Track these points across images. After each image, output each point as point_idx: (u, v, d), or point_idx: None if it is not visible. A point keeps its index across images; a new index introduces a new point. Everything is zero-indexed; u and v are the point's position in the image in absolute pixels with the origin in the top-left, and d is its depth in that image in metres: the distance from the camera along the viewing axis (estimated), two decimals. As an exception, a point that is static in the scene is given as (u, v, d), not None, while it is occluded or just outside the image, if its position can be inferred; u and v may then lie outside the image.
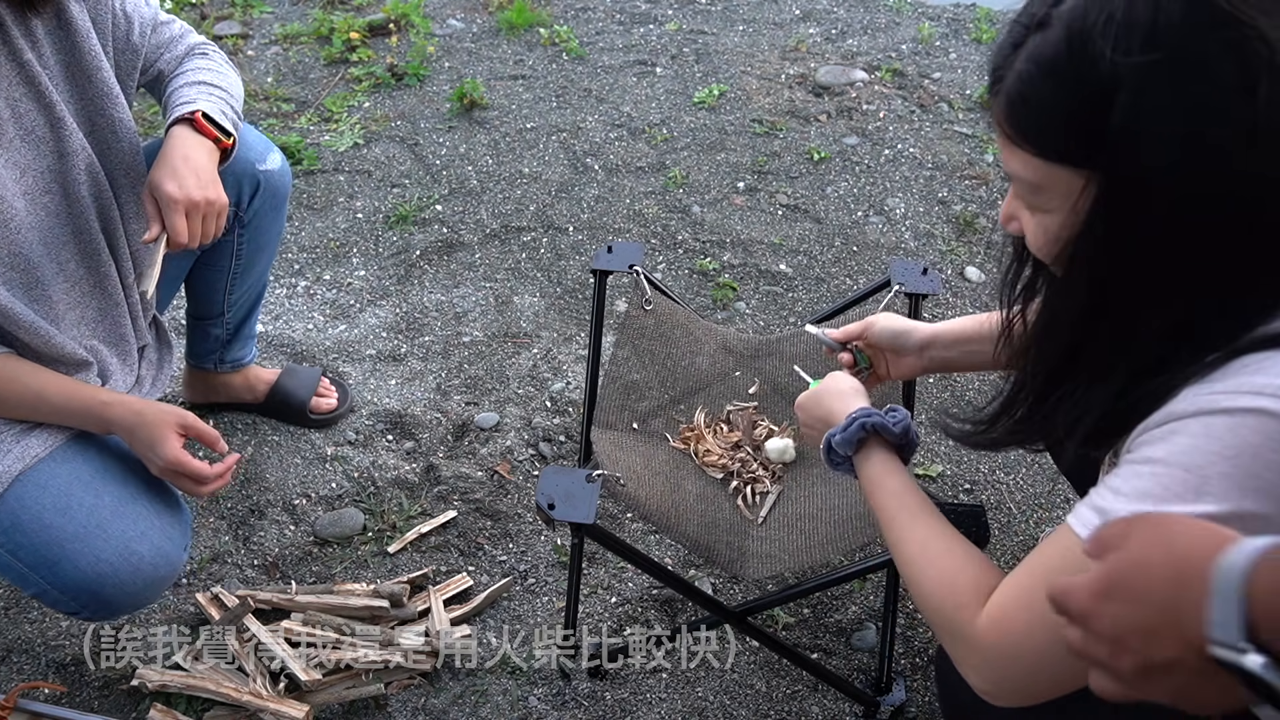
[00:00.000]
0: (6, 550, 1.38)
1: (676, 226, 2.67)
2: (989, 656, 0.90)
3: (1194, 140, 0.76)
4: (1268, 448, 0.73)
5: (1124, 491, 0.80)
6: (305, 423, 2.08)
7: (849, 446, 1.16)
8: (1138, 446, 0.82)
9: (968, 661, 0.93)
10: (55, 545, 1.37)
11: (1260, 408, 0.74)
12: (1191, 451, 0.76)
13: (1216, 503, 0.74)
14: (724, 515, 1.50)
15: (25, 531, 1.37)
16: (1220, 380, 0.78)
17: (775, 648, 1.57)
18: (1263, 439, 0.73)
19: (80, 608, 1.41)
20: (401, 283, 2.49)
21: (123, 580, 1.39)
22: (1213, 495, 0.74)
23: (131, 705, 1.61)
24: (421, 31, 3.45)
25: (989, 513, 1.92)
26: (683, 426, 1.63)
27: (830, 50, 3.44)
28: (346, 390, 2.15)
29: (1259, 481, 0.73)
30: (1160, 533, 0.67)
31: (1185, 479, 0.76)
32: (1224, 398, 0.76)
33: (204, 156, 1.45)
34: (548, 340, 2.33)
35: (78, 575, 1.37)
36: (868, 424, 1.15)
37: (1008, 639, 0.88)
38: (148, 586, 1.42)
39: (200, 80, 1.54)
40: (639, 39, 3.52)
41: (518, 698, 1.64)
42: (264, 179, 1.73)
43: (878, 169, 2.88)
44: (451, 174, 2.86)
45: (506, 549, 1.88)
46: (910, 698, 1.65)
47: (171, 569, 1.45)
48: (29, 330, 1.39)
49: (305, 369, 2.14)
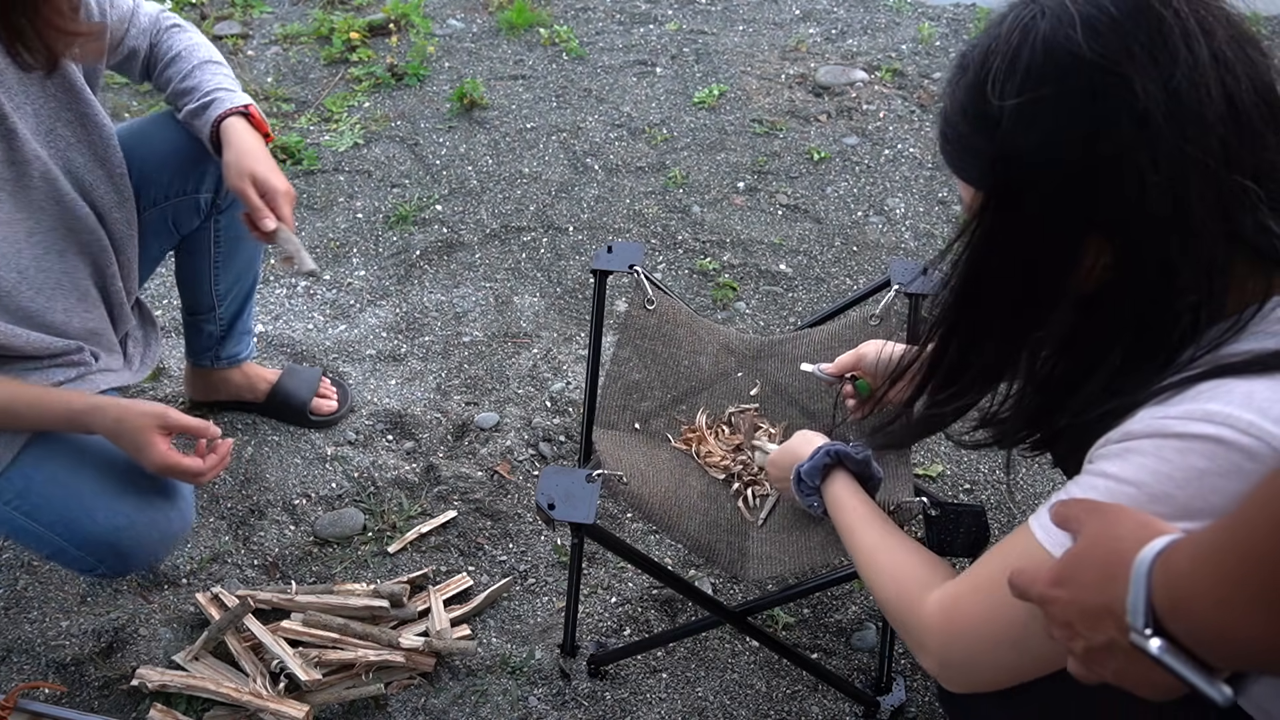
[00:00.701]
0: (22, 513, 1.40)
1: (676, 226, 2.67)
2: (937, 638, 0.97)
3: (1062, 156, 0.85)
4: (1214, 473, 0.77)
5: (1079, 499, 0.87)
6: (305, 423, 2.09)
7: (815, 475, 1.28)
8: (1097, 458, 0.87)
9: (918, 644, 1.00)
10: (73, 501, 1.39)
11: (1209, 434, 0.78)
12: (1142, 470, 0.81)
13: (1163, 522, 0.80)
14: (725, 515, 1.50)
15: (40, 493, 1.39)
16: (1176, 404, 0.82)
17: (775, 648, 1.58)
18: (1209, 464, 0.77)
19: (98, 563, 1.43)
20: (401, 283, 2.49)
21: (140, 533, 1.42)
22: (1158, 515, 0.79)
23: (131, 705, 1.61)
24: (421, 31, 3.45)
25: (989, 513, 1.92)
26: (684, 427, 1.63)
27: (830, 50, 3.44)
28: (347, 391, 2.15)
29: (1203, 504, 0.77)
30: (1107, 526, 0.74)
31: (1134, 496, 0.80)
32: (1177, 423, 0.80)
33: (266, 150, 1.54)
34: (548, 340, 2.33)
35: (95, 530, 1.39)
36: (831, 452, 1.28)
37: (955, 623, 0.95)
38: (164, 539, 1.46)
39: (213, 60, 1.58)
40: (639, 39, 3.52)
41: (518, 698, 1.64)
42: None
43: (878, 169, 2.88)
44: (451, 174, 2.86)
45: (506, 549, 1.88)
46: (910, 698, 1.65)
47: (185, 522, 1.49)
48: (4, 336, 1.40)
49: (306, 369, 2.14)
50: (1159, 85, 0.81)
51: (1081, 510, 0.79)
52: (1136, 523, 0.73)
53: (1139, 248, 0.85)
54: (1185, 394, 0.82)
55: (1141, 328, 0.89)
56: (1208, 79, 0.81)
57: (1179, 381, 0.84)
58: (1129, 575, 0.68)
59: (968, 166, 0.95)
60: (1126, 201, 0.83)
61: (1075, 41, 0.82)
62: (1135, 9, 0.82)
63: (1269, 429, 0.76)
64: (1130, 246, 0.86)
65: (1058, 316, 0.93)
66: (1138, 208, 0.83)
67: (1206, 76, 0.81)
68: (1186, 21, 0.82)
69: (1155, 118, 0.81)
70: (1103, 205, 0.85)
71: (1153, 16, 0.82)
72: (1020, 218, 0.89)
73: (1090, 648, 0.73)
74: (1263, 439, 0.76)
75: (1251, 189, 0.83)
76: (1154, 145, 0.81)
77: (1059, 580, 0.75)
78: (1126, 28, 0.82)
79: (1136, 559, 0.68)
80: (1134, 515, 0.75)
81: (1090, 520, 0.77)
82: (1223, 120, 0.82)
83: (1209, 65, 0.81)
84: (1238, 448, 0.76)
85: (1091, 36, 0.82)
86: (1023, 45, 0.85)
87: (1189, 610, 0.64)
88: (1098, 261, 0.88)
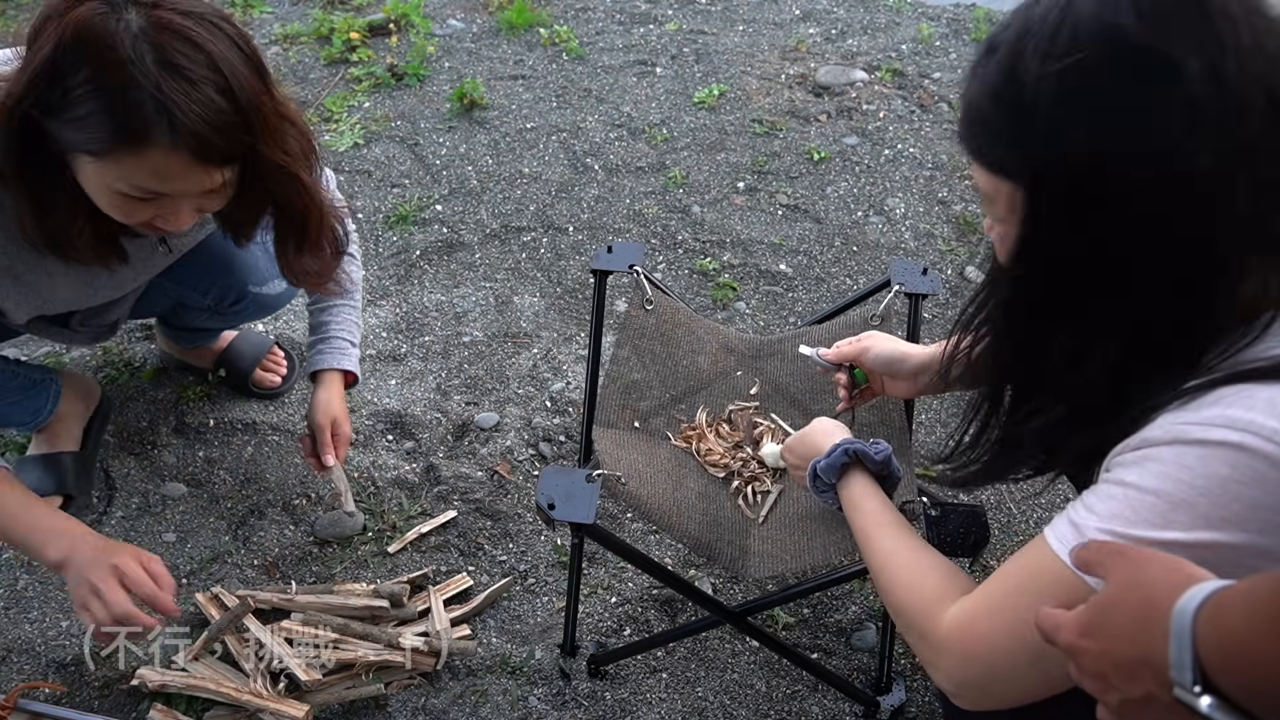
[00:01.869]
0: None
1: (676, 226, 2.67)
2: (953, 657, 0.93)
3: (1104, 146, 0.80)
4: (1235, 480, 0.75)
5: (1097, 510, 0.83)
6: (249, 394, 2.12)
7: (833, 473, 1.24)
8: (1115, 466, 0.84)
9: (932, 662, 0.96)
10: None
11: (1231, 441, 0.76)
12: (1162, 479, 0.78)
13: (1183, 531, 0.77)
14: (725, 514, 1.50)
15: None
16: (1196, 410, 0.79)
17: (775, 648, 1.58)
18: (1231, 471, 0.75)
19: None
20: (401, 283, 2.49)
21: None
22: (1179, 524, 0.77)
23: (131, 705, 1.61)
24: (421, 31, 3.45)
25: (989, 513, 1.92)
26: (684, 426, 1.63)
27: (830, 50, 3.44)
28: (295, 361, 2.19)
29: (1225, 512, 0.76)
30: (1135, 572, 0.71)
31: (1155, 505, 0.78)
32: (1197, 429, 0.78)
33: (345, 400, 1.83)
34: (548, 340, 2.33)
35: None
36: (850, 450, 1.23)
37: (972, 642, 0.91)
38: None
39: (353, 309, 1.84)
40: (639, 39, 3.52)
41: (518, 698, 1.64)
42: (253, 297, 1.83)
43: (878, 169, 2.88)
44: (451, 174, 2.86)
45: (506, 549, 1.88)
46: (910, 698, 1.65)
47: None
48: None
49: (256, 335, 2.18)
50: (1208, 69, 0.77)
51: (1105, 554, 0.75)
52: (1165, 567, 0.70)
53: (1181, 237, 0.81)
54: (1205, 399, 0.79)
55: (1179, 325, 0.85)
56: (1253, 68, 0.78)
57: (1199, 385, 0.81)
58: (1166, 626, 0.64)
59: (993, 152, 0.89)
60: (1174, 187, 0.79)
61: (1122, 21, 0.78)
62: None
63: None
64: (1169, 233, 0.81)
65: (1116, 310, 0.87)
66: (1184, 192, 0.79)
67: (1251, 66, 0.78)
68: (1230, 5, 0.78)
69: (1204, 104, 0.77)
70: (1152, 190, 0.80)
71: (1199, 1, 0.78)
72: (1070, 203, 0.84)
73: (1126, 701, 0.69)
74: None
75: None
76: (1202, 131, 0.78)
77: (1088, 629, 0.72)
78: (1172, 8, 0.78)
79: (1175, 609, 0.65)
80: (1161, 559, 0.72)
81: (1116, 564, 0.73)
82: (1264, 112, 0.78)
83: (1254, 54, 0.78)
84: (1261, 455, 0.74)
85: (1138, 16, 0.78)
86: (1062, 25, 0.80)
87: (1246, 666, 0.61)
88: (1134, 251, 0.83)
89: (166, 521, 1.89)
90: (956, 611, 0.94)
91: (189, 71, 1.13)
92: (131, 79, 1.11)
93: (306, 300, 1.87)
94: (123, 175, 1.18)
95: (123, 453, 2.02)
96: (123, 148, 1.15)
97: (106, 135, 1.14)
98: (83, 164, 1.20)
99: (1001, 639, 0.89)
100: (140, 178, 1.19)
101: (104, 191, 1.22)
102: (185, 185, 1.22)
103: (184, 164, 1.18)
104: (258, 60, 1.23)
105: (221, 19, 1.20)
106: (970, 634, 0.92)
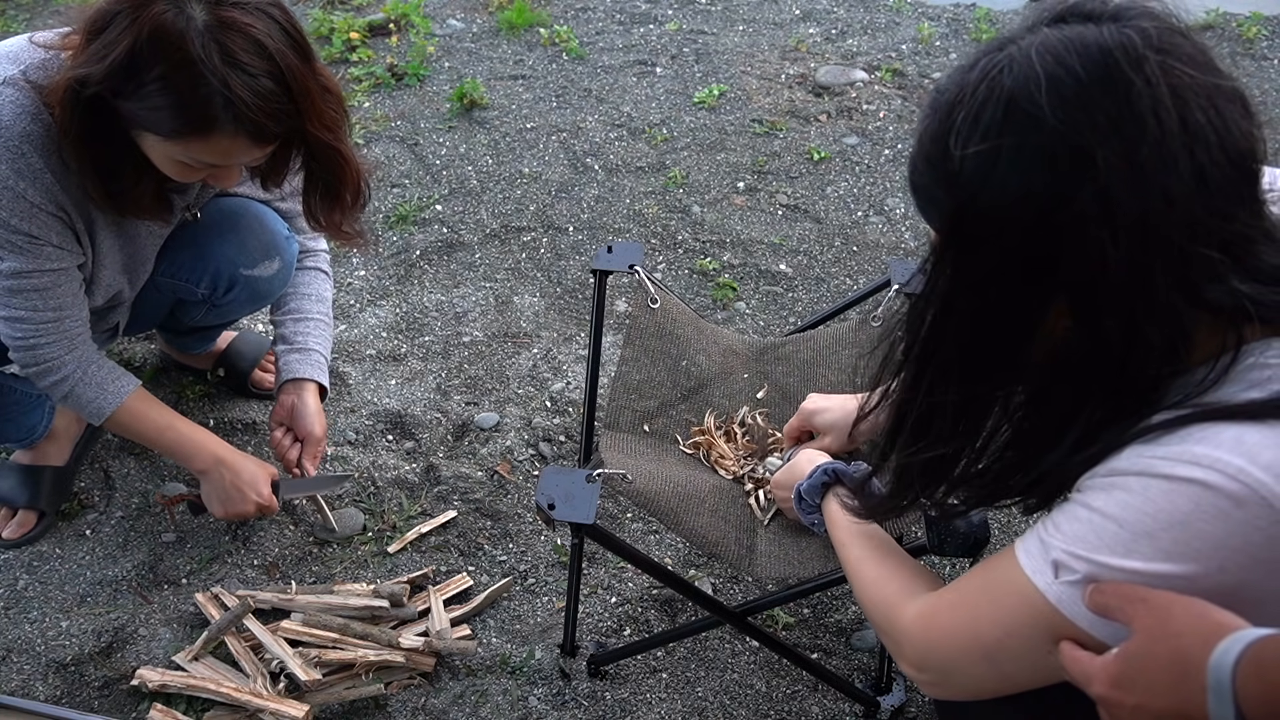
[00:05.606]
0: None
1: (676, 226, 2.67)
2: (915, 645, 0.99)
3: (1020, 223, 0.82)
4: (1197, 516, 0.76)
5: (1064, 530, 0.85)
6: (248, 393, 2.14)
7: (815, 493, 1.32)
8: (1085, 489, 0.86)
9: (898, 651, 1.03)
10: None
11: (1196, 478, 0.77)
12: (1127, 508, 0.80)
13: (1144, 561, 0.78)
14: (736, 511, 1.50)
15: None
16: (1165, 444, 0.80)
17: (775, 648, 1.58)
18: (1194, 507, 0.76)
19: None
20: (401, 283, 2.49)
21: None
22: (1140, 555, 0.78)
23: (131, 705, 1.61)
24: (421, 31, 3.45)
25: (988, 512, 1.92)
26: (694, 428, 1.63)
27: (830, 50, 3.44)
28: None
29: (1185, 548, 0.77)
30: (1162, 621, 0.71)
31: (1118, 534, 0.80)
32: (1164, 464, 0.79)
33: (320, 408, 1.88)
34: (548, 340, 2.33)
35: None
36: (829, 469, 1.31)
37: (932, 633, 0.98)
38: None
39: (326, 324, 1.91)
40: (639, 39, 3.52)
41: (518, 698, 1.64)
42: (245, 281, 1.82)
43: (878, 169, 2.89)
44: (451, 174, 2.86)
45: (506, 549, 1.88)
46: (910, 698, 1.65)
47: None
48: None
49: (255, 336, 2.19)
50: (1122, 158, 0.77)
51: (1123, 599, 0.75)
52: (1192, 614, 0.70)
53: (1099, 313, 0.82)
54: (1174, 435, 0.80)
55: (1108, 388, 0.86)
56: (1176, 152, 0.77)
57: (1167, 422, 0.81)
58: (1203, 679, 0.64)
59: (930, 213, 0.93)
60: (1086, 268, 0.80)
61: (1039, 105, 0.79)
62: (1104, 75, 0.78)
63: (1257, 475, 0.74)
64: (1090, 311, 0.83)
65: (1026, 371, 0.90)
66: (1098, 275, 0.80)
67: (1175, 149, 0.77)
68: (1157, 89, 0.77)
69: (1117, 192, 0.77)
70: (1062, 269, 0.81)
71: (1121, 84, 0.77)
72: (978, 268, 0.86)
73: None
74: (1250, 485, 0.74)
75: (1219, 260, 0.79)
76: (1114, 219, 0.78)
77: (1119, 682, 0.72)
78: (1093, 95, 0.78)
79: (1211, 662, 0.64)
80: (1183, 604, 0.71)
81: (1138, 611, 0.73)
82: (1190, 194, 0.77)
83: (1178, 136, 0.77)
84: (1224, 493, 0.75)
85: (1055, 102, 0.78)
86: (988, 101, 0.82)
87: None
88: (1058, 322, 0.85)
89: (166, 521, 1.89)
90: (921, 604, 1.01)
91: (250, 66, 1.28)
92: (201, 76, 1.26)
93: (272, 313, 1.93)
94: (186, 152, 1.36)
95: (123, 453, 2.02)
96: (190, 134, 1.32)
97: (178, 124, 1.31)
98: (148, 139, 1.36)
99: (960, 636, 0.94)
100: (203, 155, 1.36)
101: (166, 160, 1.39)
102: (241, 159, 1.41)
103: (243, 145, 1.35)
104: (302, 40, 1.37)
105: (271, 4, 1.34)
106: (931, 625, 0.98)
